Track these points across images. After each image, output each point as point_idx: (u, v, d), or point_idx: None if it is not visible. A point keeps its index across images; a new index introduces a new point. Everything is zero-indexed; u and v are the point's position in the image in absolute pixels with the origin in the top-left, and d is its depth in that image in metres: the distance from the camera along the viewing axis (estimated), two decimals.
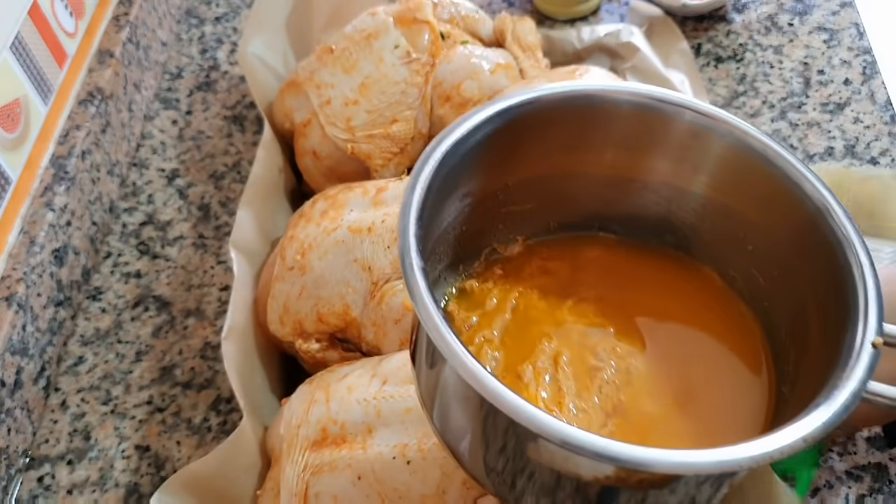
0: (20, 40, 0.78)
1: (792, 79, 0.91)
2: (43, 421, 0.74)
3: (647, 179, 0.53)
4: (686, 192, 0.52)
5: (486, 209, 0.51)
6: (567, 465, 0.39)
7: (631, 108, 0.50)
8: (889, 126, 0.86)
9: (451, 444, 0.45)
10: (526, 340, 0.50)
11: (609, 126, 0.51)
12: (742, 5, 1.00)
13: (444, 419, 0.45)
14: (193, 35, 1.05)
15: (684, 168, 0.51)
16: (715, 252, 0.53)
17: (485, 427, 0.42)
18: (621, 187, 0.53)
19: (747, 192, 0.49)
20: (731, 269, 0.53)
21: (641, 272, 0.54)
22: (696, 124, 0.49)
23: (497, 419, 0.40)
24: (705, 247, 0.53)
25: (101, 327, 0.80)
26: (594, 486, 0.40)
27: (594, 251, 0.55)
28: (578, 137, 0.51)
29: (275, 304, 0.70)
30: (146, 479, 0.70)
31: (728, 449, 0.36)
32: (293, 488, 0.58)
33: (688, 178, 0.51)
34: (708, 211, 0.52)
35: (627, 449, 0.36)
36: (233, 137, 0.94)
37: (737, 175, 0.49)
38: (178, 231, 0.86)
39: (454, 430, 0.45)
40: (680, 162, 0.51)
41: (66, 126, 0.83)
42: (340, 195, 0.73)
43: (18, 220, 0.76)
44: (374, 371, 0.62)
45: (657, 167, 0.52)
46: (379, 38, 0.81)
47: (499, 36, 0.87)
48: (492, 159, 0.49)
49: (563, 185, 0.53)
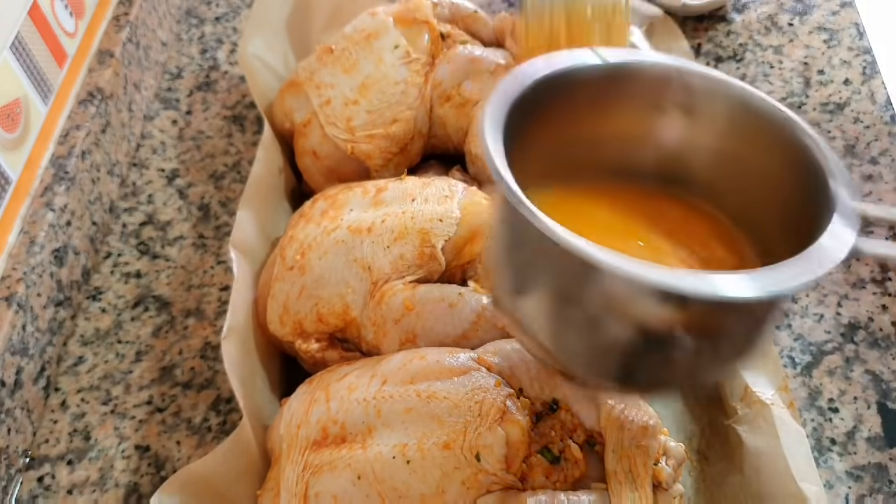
0: (20, 40, 0.78)
1: (792, 79, 0.91)
2: (43, 421, 0.74)
3: (662, 135, 0.59)
4: (696, 145, 0.59)
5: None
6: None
7: (654, 74, 0.57)
8: (889, 126, 0.86)
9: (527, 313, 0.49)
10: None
11: (634, 89, 0.57)
12: (742, 5, 1.00)
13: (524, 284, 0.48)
14: (193, 35, 1.05)
15: (694, 123, 0.58)
16: (713, 189, 0.59)
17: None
18: (637, 143, 0.59)
19: (743, 137, 0.57)
20: (728, 201, 0.58)
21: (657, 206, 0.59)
22: (701, 86, 0.57)
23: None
24: (705, 187, 0.59)
25: (101, 327, 0.80)
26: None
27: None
28: (605, 98, 0.58)
29: (275, 303, 0.70)
30: (146, 479, 0.70)
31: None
32: (293, 488, 0.58)
33: (696, 132, 0.58)
34: (714, 159, 0.58)
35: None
36: (233, 137, 0.94)
37: (734, 125, 0.57)
38: (178, 231, 0.86)
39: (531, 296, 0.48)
40: (690, 118, 0.58)
41: (66, 126, 0.83)
42: (340, 195, 0.73)
43: (18, 220, 0.76)
44: (374, 371, 0.62)
45: (672, 124, 0.58)
46: (379, 39, 0.81)
47: (499, 36, 0.87)
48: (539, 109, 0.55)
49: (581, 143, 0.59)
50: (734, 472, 0.64)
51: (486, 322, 0.65)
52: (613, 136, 0.59)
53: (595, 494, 0.55)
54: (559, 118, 0.56)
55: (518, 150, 0.49)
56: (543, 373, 0.60)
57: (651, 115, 0.58)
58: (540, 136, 0.54)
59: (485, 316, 0.65)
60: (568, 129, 0.57)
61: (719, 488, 0.65)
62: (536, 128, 0.53)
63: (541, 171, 0.53)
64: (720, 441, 0.67)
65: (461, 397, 0.57)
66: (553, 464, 0.57)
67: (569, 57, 0.55)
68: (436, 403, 0.57)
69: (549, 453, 0.57)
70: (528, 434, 0.56)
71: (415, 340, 0.65)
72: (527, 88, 0.51)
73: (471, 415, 0.56)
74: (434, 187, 0.72)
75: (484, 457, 0.55)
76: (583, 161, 0.58)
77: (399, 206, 0.70)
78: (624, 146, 0.59)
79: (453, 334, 0.64)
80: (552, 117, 0.55)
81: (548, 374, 0.60)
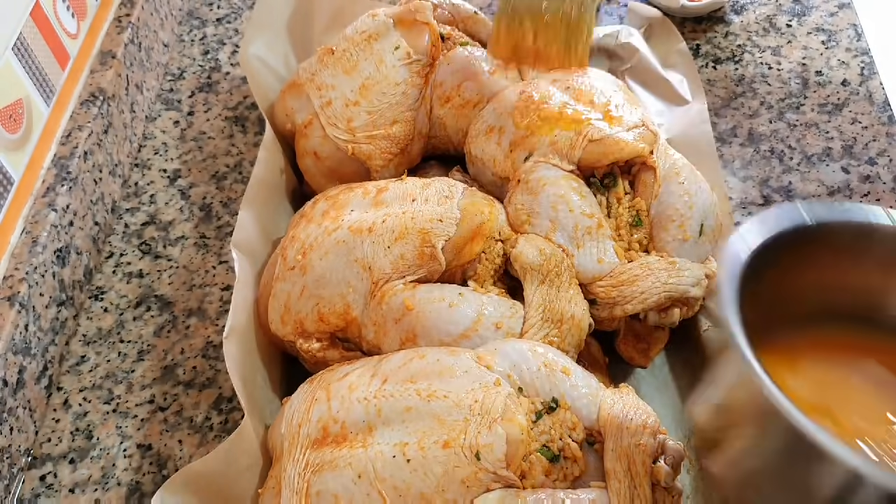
0: (22, 41, 0.78)
1: (790, 80, 0.92)
2: (45, 420, 0.74)
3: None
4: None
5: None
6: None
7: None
8: (887, 126, 0.87)
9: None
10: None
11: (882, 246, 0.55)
12: (740, 6, 1.00)
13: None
14: (195, 36, 1.06)
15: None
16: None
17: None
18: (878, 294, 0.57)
19: None
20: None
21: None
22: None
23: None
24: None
25: (103, 327, 0.80)
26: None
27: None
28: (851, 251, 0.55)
29: (276, 303, 0.70)
30: (148, 477, 0.70)
31: None
32: (294, 487, 0.58)
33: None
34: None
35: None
36: (234, 138, 0.95)
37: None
38: (179, 231, 0.87)
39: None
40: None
41: (69, 126, 0.84)
42: (341, 195, 0.74)
43: (21, 221, 0.76)
44: (375, 370, 0.62)
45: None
46: (379, 40, 0.82)
47: None
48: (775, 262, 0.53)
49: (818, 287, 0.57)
50: None
51: (486, 322, 0.65)
52: (855, 285, 0.56)
53: (594, 493, 0.56)
54: (797, 267, 0.54)
55: (749, 296, 0.48)
56: (543, 372, 0.60)
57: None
58: (773, 284, 0.52)
59: (485, 315, 0.65)
60: (805, 278, 0.55)
61: None
62: (771, 276, 0.52)
63: (771, 314, 0.52)
64: None
65: (461, 396, 0.58)
66: (552, 462, 0.57)
67: (827, 209, 0.54)
68: (436, 402, 0.58)
69: (549, 452, 0.57)
70: (527, 433, 0.57)
71: (415, 340, 0.65)
72: (769, 239, 0.51)
73: (471, 414, 0.57)
74: (434, 188, 0.72)
75: (484, 455, 0.55)
76: (818, 307, 0.56)
77: (399, 206, 0.70)
78: (865, 296, 0.57)
79: (453, 334, 0.65)
80: (791, 266, 0.54)
81: (547, 374, 0.60)
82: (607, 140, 0.71)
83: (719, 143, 0.87)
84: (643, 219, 0.71)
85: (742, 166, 0.86)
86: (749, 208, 0.82)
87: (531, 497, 0.55)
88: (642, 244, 0.70)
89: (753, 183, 0.84)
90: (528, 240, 0.69)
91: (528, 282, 0.68)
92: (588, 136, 0.71)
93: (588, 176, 0.72)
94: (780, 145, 0.87)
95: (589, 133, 0.71)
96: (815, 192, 0.83)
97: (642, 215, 0.71)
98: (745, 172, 0.85)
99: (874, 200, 0.81)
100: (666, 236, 0.70)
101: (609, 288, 0.68)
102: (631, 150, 0.71)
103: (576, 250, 0.69)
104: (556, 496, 0.55)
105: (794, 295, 0.54)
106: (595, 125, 0.72)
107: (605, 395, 0.60)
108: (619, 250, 0.69)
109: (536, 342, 0.64)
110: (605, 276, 0.68)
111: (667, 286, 0.67)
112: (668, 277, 0.68)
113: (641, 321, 0.70)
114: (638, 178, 0.72)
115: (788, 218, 0.52)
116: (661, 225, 0.70)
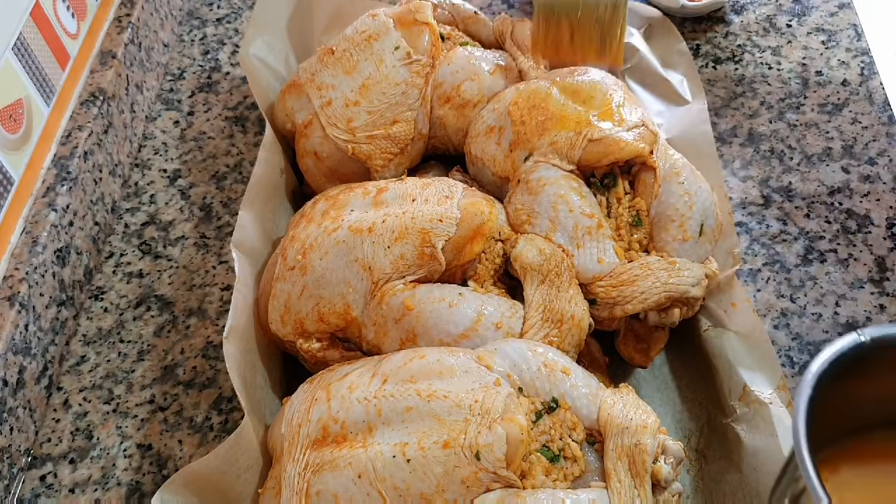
0: (22, 41, 0.78)
1: (790, 80, 0.92)
2: (45, 420, 0.74)
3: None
4: None
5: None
6: None
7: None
8: (887, 126, 0.87)
9: None
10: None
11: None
12: (740, 6, 1.00)
13: None
14: (195, 36, 1.06)
15: None
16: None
17: None
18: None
19: None
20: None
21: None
22: None
23: None
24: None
25: (103, 327, 0.80)
26: None
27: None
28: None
29: (276, 303, 0.70)
30: (148, 477, 0.70)
31: None
32: (294, 486, 0.58)
33: None
34: None
35: None
36: (234, 138, 0.95)
37: None
38: (179, 231, 0.87)
39: None
40: None
41: (69, 127, 0.84)
42: (341, 195, 0.74)
43: (21, 221, 0.76)
44: (375, 370, 0.62)
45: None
46: (379, 40, 0.82)
47: (498, 37, 0.87)
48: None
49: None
50: (733, 470, 0.65)
51: (486, 322, 0.65)
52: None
53: (594, 493, 0.56)
54: (855, 381, 0.55)
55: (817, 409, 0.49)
56: (543, 372, 0.60)
57: None
58: (837, 396, 0.53)
59: (485, 315, 0.65)
60: (869, 390, 0.55)
61: (718, 486, 0.66)
62: (837, 388, 0.52)
63: (835, 425, 0.53)
64: (719, 439, 0.68)
65: (461, 396, 0.58)
66: (553, 462, 0.57)
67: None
68: (436, 402, 0.58)
69: (549, 452, 0.57)
70: (527, 433, 0.57)
71: (415, 340, 0.65)
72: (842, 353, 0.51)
73: (471, 414, 0.57)
74: (434, 188, 0.72)
75: (484, 455, 0.55)
76: (879, 418, 0.57)
77: (399, 206, 0.70)
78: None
79: (453, 334, 0.65)
80: (849, 380, 0.54)
81: (547, 374, 0.60)
82: (607, 140, 0.71)
83: (719, 143, 0.87)
84: (643, 219, 0.71)
85: (742, 166, 0.86)
86: (749, 208, 0.82)
87: (531, 497, 0.55)
88: (642, 244, 0.70)
89: (753, 183, 0.84)
90: (528, 240, 0.69)
91: (528, 282, 0.68)
92: (588, 135, 0.71)
93: (588, 176, 0.72)
94: (780, 145, 0.87)
95: (589, 133, 0.71)
96: (815, 192, 0.83)
97: (642, 215, 0.71)
98: (745, 172, 0.85)
99: (874, 200, 0.81)
100: (666, 236, 0.70)
101: (609, 288, 0.68)
102: (631, 150, 0.71)
103: (576, 250, 0.69)
104: (556, 496, 0.55)
105: (852, 407, 0.55)
106: (595, 125, 0.72)
107: (606, 395, 0.60)
108: (619, 250, 0.69)
109: (536, 342, 0.64)
110: (605, 276, 0.68)
111: (667, 286, 0.67)
112: (668, 277, 0.68)
113: (641, 321, 0.70)
114: (638, 178, 0.72)
115: (847, 340, 0.53)
116: (661, 225, 0.70)
